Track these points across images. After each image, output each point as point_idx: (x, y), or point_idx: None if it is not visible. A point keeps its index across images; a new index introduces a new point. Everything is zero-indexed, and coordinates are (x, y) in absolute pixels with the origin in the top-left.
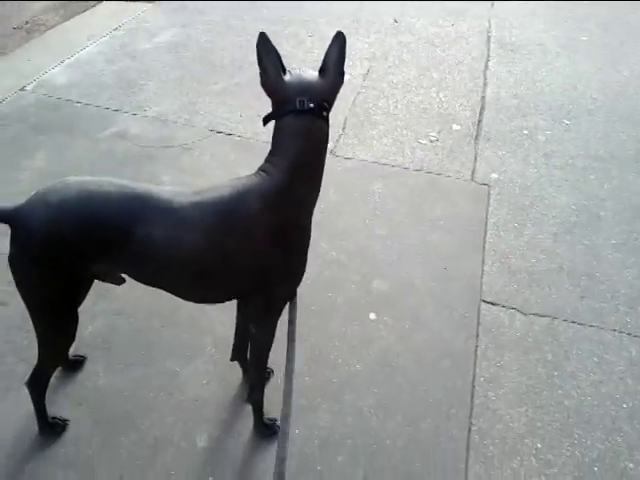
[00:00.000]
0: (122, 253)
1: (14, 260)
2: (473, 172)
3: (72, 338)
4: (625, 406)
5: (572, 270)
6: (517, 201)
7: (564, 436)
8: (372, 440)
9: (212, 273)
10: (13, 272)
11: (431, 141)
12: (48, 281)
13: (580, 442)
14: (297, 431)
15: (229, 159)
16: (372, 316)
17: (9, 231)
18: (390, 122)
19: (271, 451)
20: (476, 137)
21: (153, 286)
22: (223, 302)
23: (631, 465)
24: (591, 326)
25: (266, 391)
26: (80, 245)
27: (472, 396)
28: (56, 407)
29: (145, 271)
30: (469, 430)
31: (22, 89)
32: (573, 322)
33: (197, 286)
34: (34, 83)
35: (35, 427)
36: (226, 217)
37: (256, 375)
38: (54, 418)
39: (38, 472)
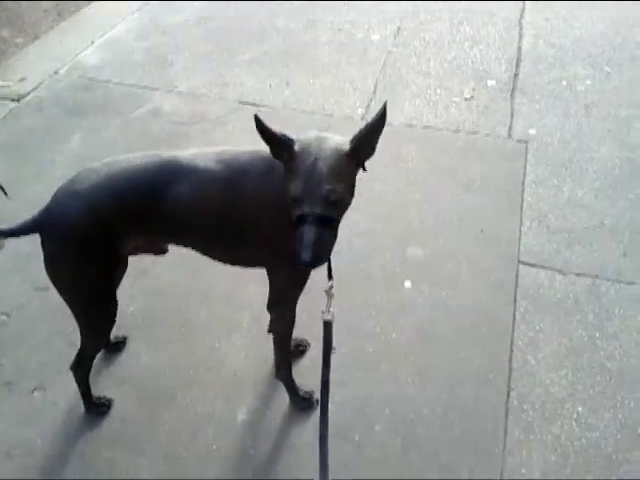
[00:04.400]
0: (156, 218)
1: (55, 259)
2: (510, 129)
3: (112, 323)
4: None
5: (615, 226)
6: (556, 157)
7: (606, 399)
8: (410, 409)
9: (229, 228)
10: (55, 272)
11: (466, 99)
12: (90, 270)
13: (623, 404)
14: (337, 399)
15: None
16: (407, 284)
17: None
18: (422, 82)
19: (308, 423)
20: (512, 92)
21: (184, 245)
22: (245, 266)
23: None
24: (635, 284)
25: (302, 362)
26: (117, 221)
27: (511, 361)
28: (102, 387)
29: (176, 230)
30: (508, 395)
31: (56, 72)
32: (616, 281)
33: (219, 242)
34: (67, 66)
35: (82, 407)
36: (240, 174)
37: (280, 355)
38: (99, 398)
39: (86, 451)
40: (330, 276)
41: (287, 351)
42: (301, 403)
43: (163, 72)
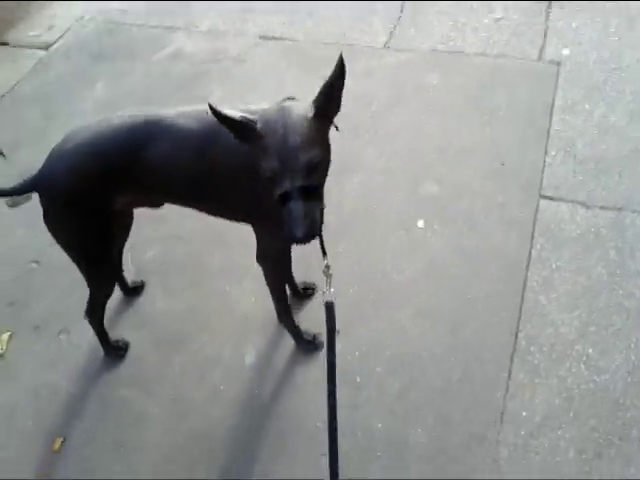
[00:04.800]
0: (139, 175)
1: (49, 216)
2: (541, 50)
3: (113, 275)
4: None
5: None
6: (590, 78)
7: (619, 340)
8: (410, 351)
9: (208, 185)
10: (51, 228)
11: (496, 19)
12: (81, 226)
13: (637, 345)
14: (339, 344)
15: (280, 67)
16: (420, 224)
17: None
18: (451, 2)
19: (313, 364)
20: (548, 6)
21: (170, 201)
22: (232, 221)
23: None
24: None
25: (310, 305)
26: (101, 180)
27: (522, 301)
28: (121, 330)
29: (160, 187)
30: (515, 336)
31: (82, 18)
32: None
33: (202, 199)
34: (92, 10)
35: (101, 351)
36: (216, 130)
37: (277, 305)
38: (117, 341)
39: (105, 391)
40: (324, 253)
41: (283, 300)
42: (306, 346)
43: (185, 11)
